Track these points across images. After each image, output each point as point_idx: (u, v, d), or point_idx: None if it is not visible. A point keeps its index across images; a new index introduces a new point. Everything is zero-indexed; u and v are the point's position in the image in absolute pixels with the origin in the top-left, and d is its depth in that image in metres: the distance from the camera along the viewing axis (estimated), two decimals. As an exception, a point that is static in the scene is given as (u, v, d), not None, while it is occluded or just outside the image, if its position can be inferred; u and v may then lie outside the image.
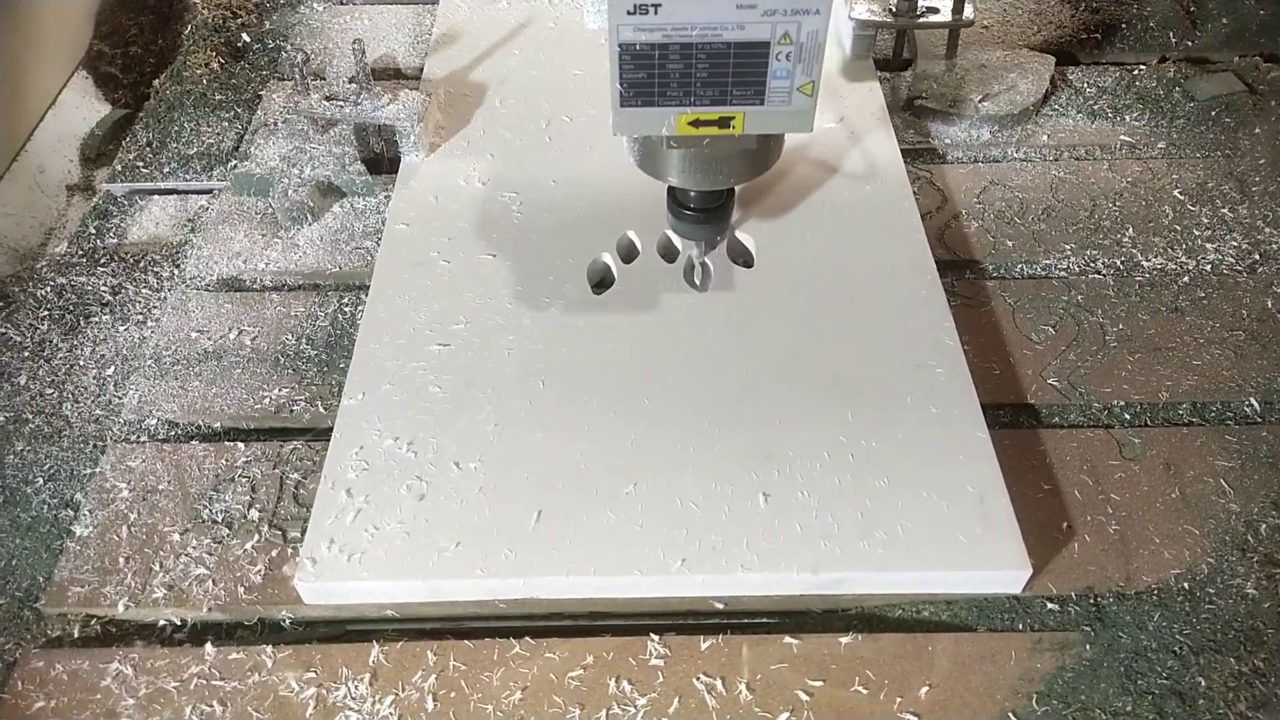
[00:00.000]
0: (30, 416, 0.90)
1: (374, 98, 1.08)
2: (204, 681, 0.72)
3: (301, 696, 0.71)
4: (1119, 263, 1.01)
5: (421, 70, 1.22)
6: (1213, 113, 1.18)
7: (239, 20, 1.35)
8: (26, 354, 0.96)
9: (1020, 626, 0.75)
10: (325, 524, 0.77)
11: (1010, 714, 0.70)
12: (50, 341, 0.97)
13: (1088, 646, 0.73)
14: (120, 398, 0.92)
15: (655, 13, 0.67)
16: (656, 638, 0.74)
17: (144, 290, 1.02)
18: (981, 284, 0.99)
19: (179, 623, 0.77)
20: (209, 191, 1.13)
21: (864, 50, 1.20)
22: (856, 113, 1.13)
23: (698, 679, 0.72)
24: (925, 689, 0.71)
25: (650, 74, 0.70)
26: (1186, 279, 0.99)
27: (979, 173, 1.11)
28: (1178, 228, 1.04)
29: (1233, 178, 1.10)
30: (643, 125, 0.74)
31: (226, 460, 0.85)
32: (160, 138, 1.19)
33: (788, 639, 0.74)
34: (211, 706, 0.71)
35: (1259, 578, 0.77)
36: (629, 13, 0.67)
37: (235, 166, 1.11)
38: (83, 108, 1.27)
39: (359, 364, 0.89)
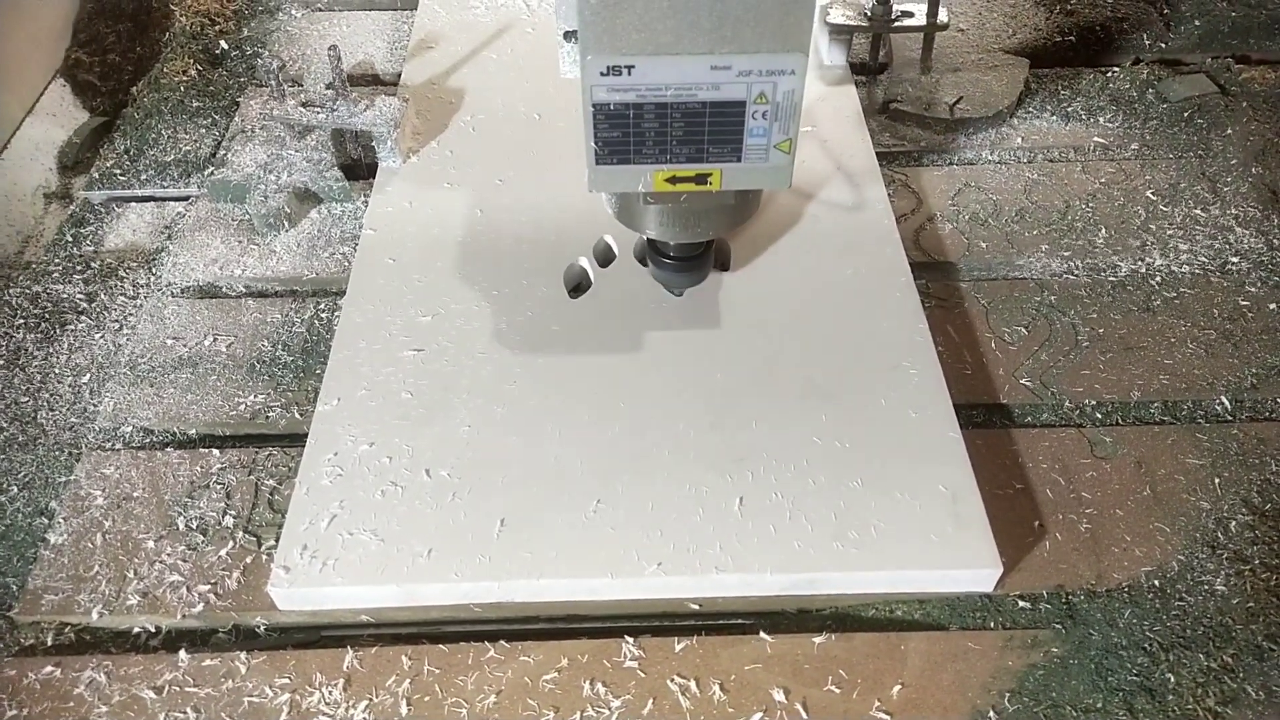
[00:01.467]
0: (4, 424, 0.90)
1: (351, 104, 1.09)
2: (178, 688, 0.72)
3: (275, 702, 0.71)
4: (1091, 263, 1.02)
5: (399, 76, 1.23)
6: (1185, 114, 1.19)
7: (217, 28, 1.35)
8: (1, 361, 0.95)
9: (992, 625, 0.76)
10: (300, 530, 0.77)
11: (982, 712, 0.70)
12: (25, 349, 0.97)
13: (1059, 644, 0.74)
14: (95, 405, 0.92)
15: (629, 74, 0.67)
16: (631, 639, 0.74)
17: (120, 297, 1.02)
18: (955, 285, 1.00)
19: (153, 630, 0.77)
20: (186, 198, 1.13)
21: (840, 54, 1.21)
22: (832, 117, 1.14)
23: (672, 680, 0.72)
24: (898, 687, 0.71)
25: (625, 133, 0.70)
26: (1158, 279, 1.00)
27: (954, 175, 1.12)
28: (1150, 228, 1.05)
29: (1205, 178, 1.11)
30: (619, 182, 0.73)
31: (201, 467, 0.85)
32: (138, 145, 1.19)
33: (762, 638, 0.74)
34: (185, 713, 0.70)
35: (1229, 575, 0.78)
36: (602, 74, 0.67)
37: (212, 173, 1.11)
38: (60, 115, 1.27)
39: (334, 370, 0.89)
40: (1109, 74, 1.25)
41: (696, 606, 0.77)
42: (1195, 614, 0.75)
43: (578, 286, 0.98)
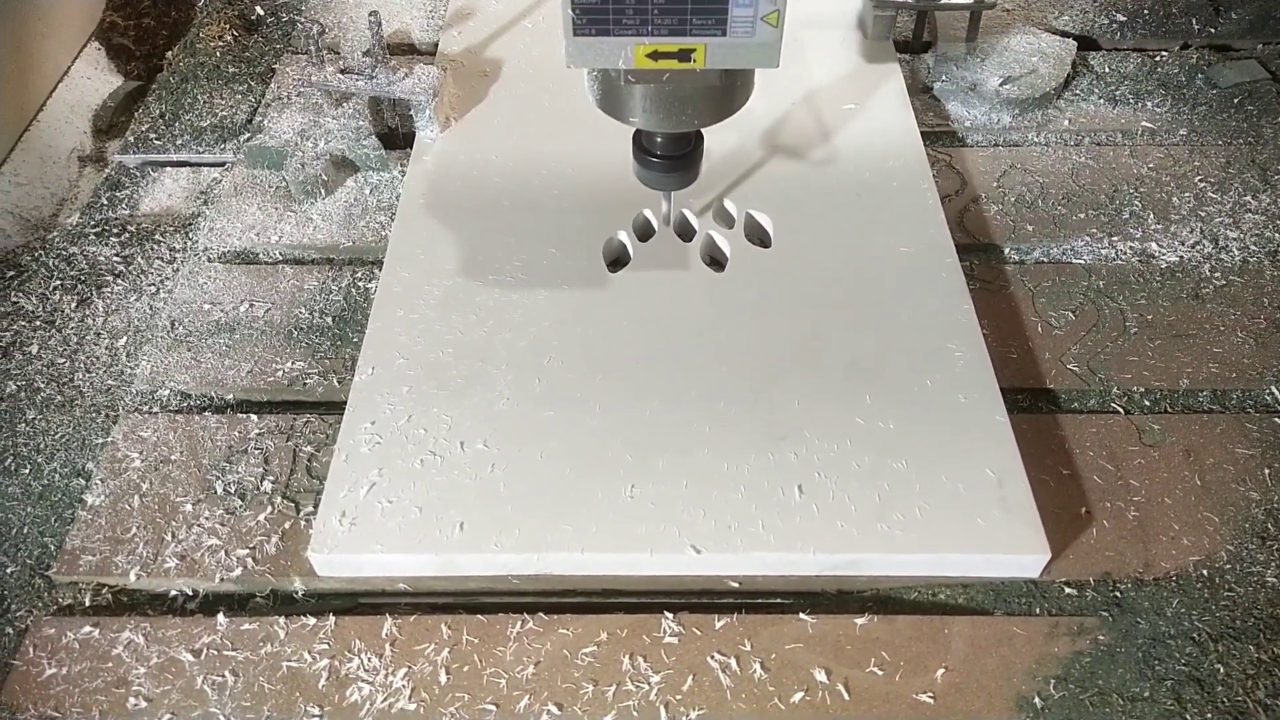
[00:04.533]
0: (42, 385, 0.90)
1: (389, 72, 1.07)
2: (216, 652, 0.72)
3: (314, 668, 0.71)
4: (1140, 249, 1.00)
5: (437, 45, 1.21)
6: (1235, 100, 1.17)
7: (253, -7, 1.34)
8: (39, 323, 0.95)
9: (1038, 611, 0.75)
10: (339, 496, 0.77)
11: (1026, 698, 0.69)
12: (62, 311, 0.96)
13: (1106, 632, 0.73)
14: (132, 368, 0.91)
15: None
16: (670, 615, 0.73)
17: (156, 262, 1.01)
18: (1001, 268, 0.98)
19: (191, 593, 0.76)
20: (222, 164, 1.12)
21: (884, 32, 1.19)
22: (876, 95, 1.12)
23: (712, 657, 0.71)
24: (941, 671, 0.70)
25: (604, 0, 0.66)
26: (1207, 266, 0.98)
27: (999, 156, 1.10)
28: (1199, 215, 1.03)
29: (1255, 165, 1.09)
30: (598, 57, 0.69)
31: (239, 432, 0.85)
32: (173, 110, 1.18)
33: (802, 618, 0.73)
34: (223, 676, 0.70)
35: (1279, 566, 0.76)
36: None
37: (249, 139, 1.10)
38: (95, 79, 1.26)
39: (372, 338, 0.88)
40: (1157, 58, 1.23)
41: (736, 584, 0.76)
42: (1245, 605, 0.74)
43: (617, 260, 0.97)
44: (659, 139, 0.82)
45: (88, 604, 0.76)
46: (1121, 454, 0.83)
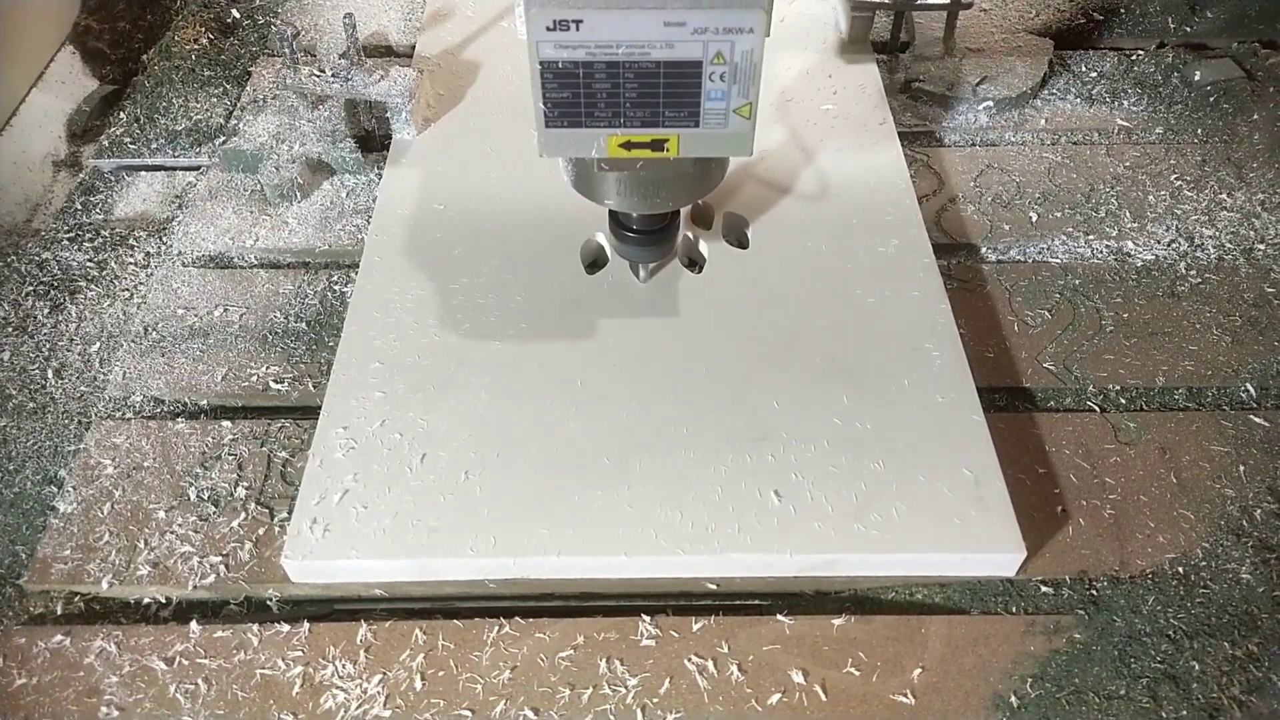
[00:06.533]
0: (14, 392, 0.89)
1: (365, 74, 1.07)
2: (188, 660, 0.71)
3: (288, 675, 0.70)
4: (1116, 247, 1.00)
5: (414, 47, 1.21)
6: (1211, 98, 1.18)
7: (229, -5, 1.33)
8: (11, 329, 0.94)
9: (1014, 610, 0.75)
10: (313, 502, 0.76)
11: (1003, 697, 0.69)
12: (35, 317, 0.95)
13: (1082, 630, 0.73)
14: (105, 374, 0.90)
15: (577, 29, 0.63)
16: (648, 618, 0.73)
17: (130, 266, 1.00)
18: (978, 267, 0.99)
19: (164, 600, 0.76)
20: (197, 168, 1.11)
21: (861, 32, 1.19)
22: (853, 95, 1.12)
23: (689, 659, 0.71)
24: (918, 671, 0.70)
25: (576, 94, 0.66)
26: (1183, 264, 0.99)
27: (976, 156, 1.10)
28: (1175, 213, 1.04)
29: (1230, 163, 1.10)
30: (571, 147, 0.70)
31: (213, 438, 0.84)
32: (148, 113, 1.17)
33: (780, 619, 0.73)
34: (196, 685, 0.70)
35: (1254, 563, 0.76)
36: (549, 29, 0.63)
37: (224, 142, 1.09)
38: (70, 83, 1.25)
39: (348, 342, 0.87)
40: (1133, 56, 1.24)
41: (714, 586, 0.76)
42: (1220, 602, 0.74)
43: (594, 262, 0.97)
44: (634, 216, 0.83)
45: (59, 613, 0.75)
46: (1097, 452, 0.83)
